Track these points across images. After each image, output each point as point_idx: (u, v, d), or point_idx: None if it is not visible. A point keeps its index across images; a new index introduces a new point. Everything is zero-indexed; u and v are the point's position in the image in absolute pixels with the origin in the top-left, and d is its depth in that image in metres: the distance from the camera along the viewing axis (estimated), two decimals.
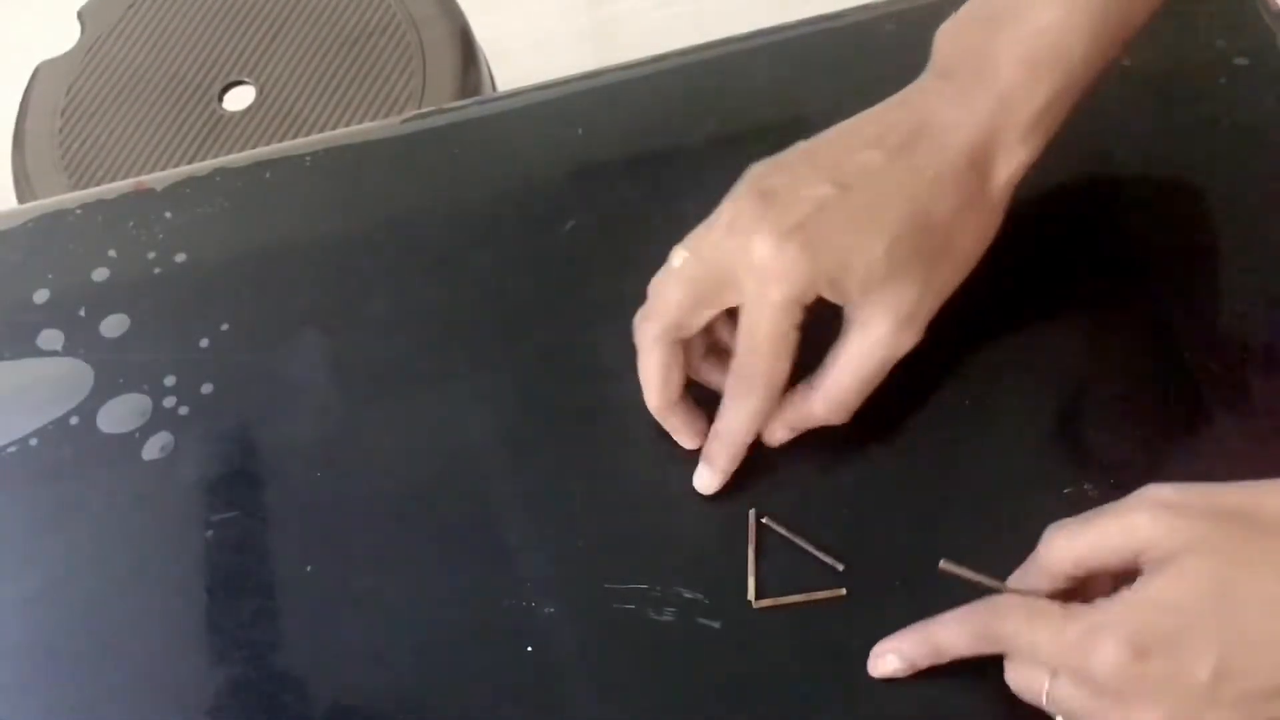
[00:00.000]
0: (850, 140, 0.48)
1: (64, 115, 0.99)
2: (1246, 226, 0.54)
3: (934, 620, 0.44)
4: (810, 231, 0.46)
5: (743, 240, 0.46)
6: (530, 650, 0.47)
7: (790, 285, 0.46)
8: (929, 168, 0.47)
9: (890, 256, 0.46)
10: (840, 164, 0.47)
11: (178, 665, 0.48)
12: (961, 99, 0.47)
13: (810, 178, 0.47)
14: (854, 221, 0.46)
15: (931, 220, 0.47)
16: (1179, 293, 0.53)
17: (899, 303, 0.47)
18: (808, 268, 0.46)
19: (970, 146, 0.47)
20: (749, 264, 0.46)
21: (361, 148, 0.60)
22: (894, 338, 0.47)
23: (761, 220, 0.46)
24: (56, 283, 0.57)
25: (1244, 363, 0.50)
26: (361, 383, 0.54)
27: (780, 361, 0.47)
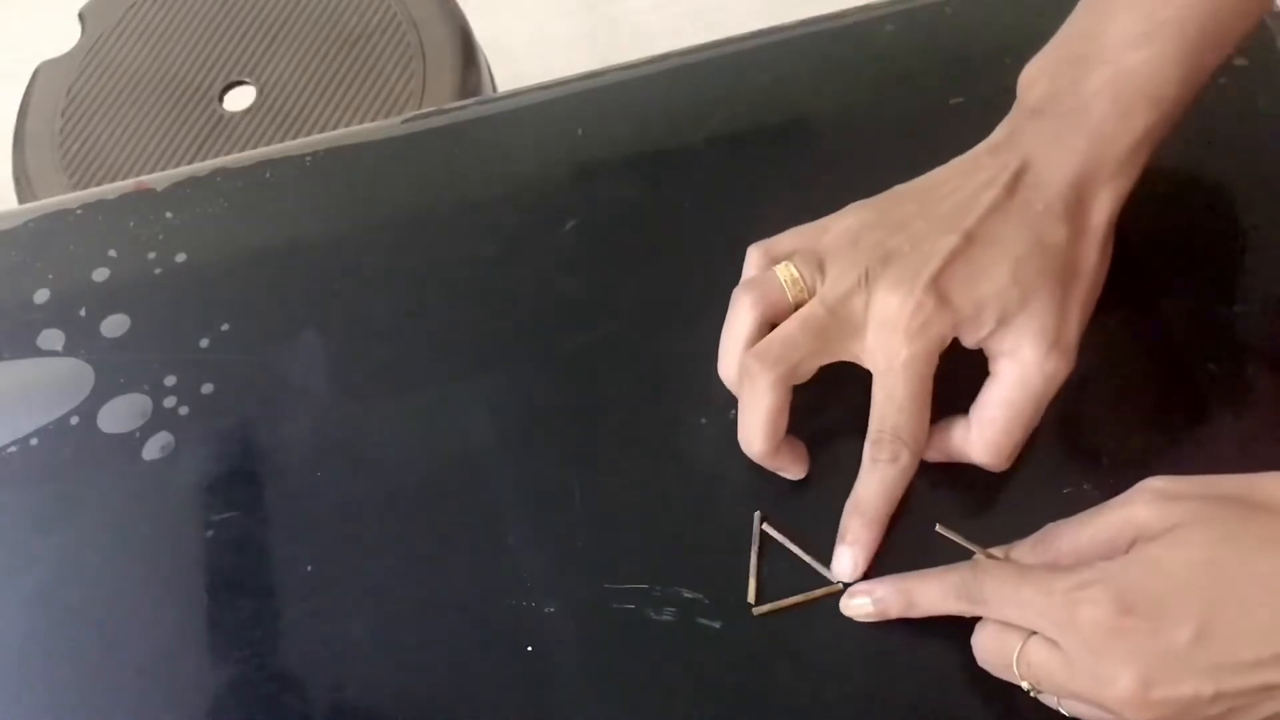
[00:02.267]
0: (964, 183, 0.49)
1: (64, 115, 0.99)
2: (1246, 227, 0.54)
3: (914, 573, 0.45)
4: (942, 283, 0.46)
5: (879, 296, 0.47)
6: (530, 650, 0.47)
7: (927, 340, 0.46)
8: (1038, 201, 0.47)
9: (1017, 279, 0.46)
10: (962, 210, 0.48)
11: (178, 665, 0.48)
12: (1057, 138, 0.48)
13: (935, 230, 0.48)
14: (978, 261, 0.47)
15: (1048, 244, 0.47)
16: (1179, 293, 0.53)
17: (1041, 324, 0.46)
18: (941, 318, 0.46)
19: (1071, 183, 0.48)
20: (882, 321, 0.47)
21: (361, 148, 0.60)
22: (1044, 363, 0.46)
23: (893, 275, 0.47)
24: (57, 283, 0.57)
25: (1244, 363, 0.50)
26: (361, 383, 0.54)
27: (923, 420, 0.47)
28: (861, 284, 0.47)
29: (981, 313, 0.46)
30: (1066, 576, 0.41)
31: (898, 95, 0.59)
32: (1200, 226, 0.55)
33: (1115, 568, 0.40)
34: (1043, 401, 0.47)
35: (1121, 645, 0.39)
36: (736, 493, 0.49)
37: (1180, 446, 0.49)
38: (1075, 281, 0.48)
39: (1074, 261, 0.48)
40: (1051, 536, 0.44)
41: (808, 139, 0.58)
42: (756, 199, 0.56)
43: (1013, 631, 0.42)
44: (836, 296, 0.47)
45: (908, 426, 0.47)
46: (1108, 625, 0.39)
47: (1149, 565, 0.40)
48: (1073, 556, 0.43)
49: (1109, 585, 0.40)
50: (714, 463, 0.50)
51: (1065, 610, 0.40)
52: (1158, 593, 0.39)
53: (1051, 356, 0.46)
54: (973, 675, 0.44)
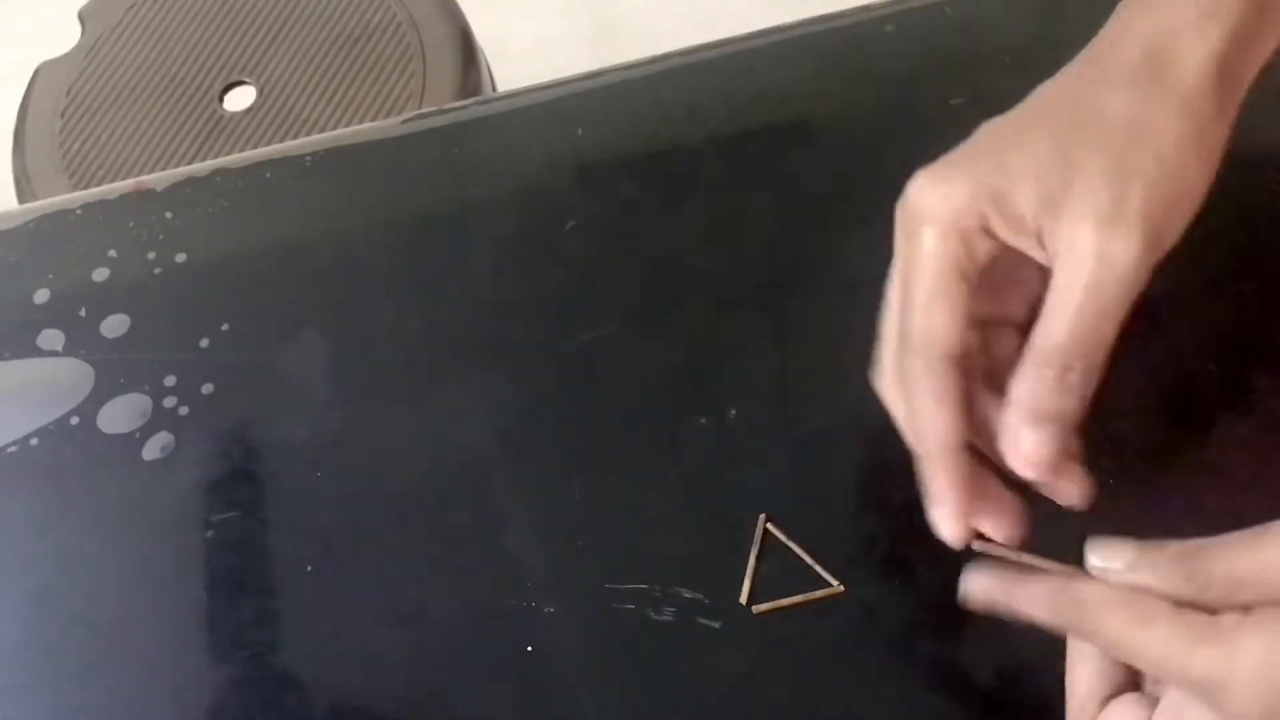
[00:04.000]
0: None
1: (64, 116, 0.99)
2: (1246, 226, 0.54)
3: (1027, 579, 0.38)
4: (962, 155, 0.40)
5: (903, 193, 0.40)
6: (530, 650, 0.47)
7: (943, 217, 0.38)
8: (1096, 73, 0.40)
9: (1060, 151, 0.38)
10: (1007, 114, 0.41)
11: (178, 665, 0.48)
12: (1132, 18, 0.41)
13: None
14: (1012, 135, 0.40)
15: (1106, 115, 0.39)
16: (1179, 293, 0.53)
17: (1095, 201, 0.37)
18: (961, 189, 0.38)
19: (1142, 39, 0.40)
20: (901, 209, 0.40)
21: (361, 148, 0.60)
22: (1103, 245, 0.37)
23: (930, 169, 0.40)
24: (57, 283, 0.57)
25: (1244, 363, 0.50)
26: (361, 383, 0.54)
27: (945, 319, 0.38)
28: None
29: (1015, 187, 0.38)
30: (1236, 622, 0.32)
31: (898, 95, 0.59)
32: (1200, 226, 0.54)
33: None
34: (1113, 296, 0.38)
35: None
36: (737, 493, 0.49)
37: (1181, 446, 0.49)
38: (1143, 153, 0.38)
39: (1142, 132, 0.39)
40: (1194, 557, 0.34)
41: (807, 139, 0.58)
42: (756, 199, 0.56)
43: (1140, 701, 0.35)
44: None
45: (920, 333, 0.39)
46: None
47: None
48: (1228, 588, 0.33)
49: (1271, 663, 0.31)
50: (714, 463, 0.50)
51: (1235, 667, 0.32)
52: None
53: (1111, 238, 0.37)
54: (973, 675, 0.44)
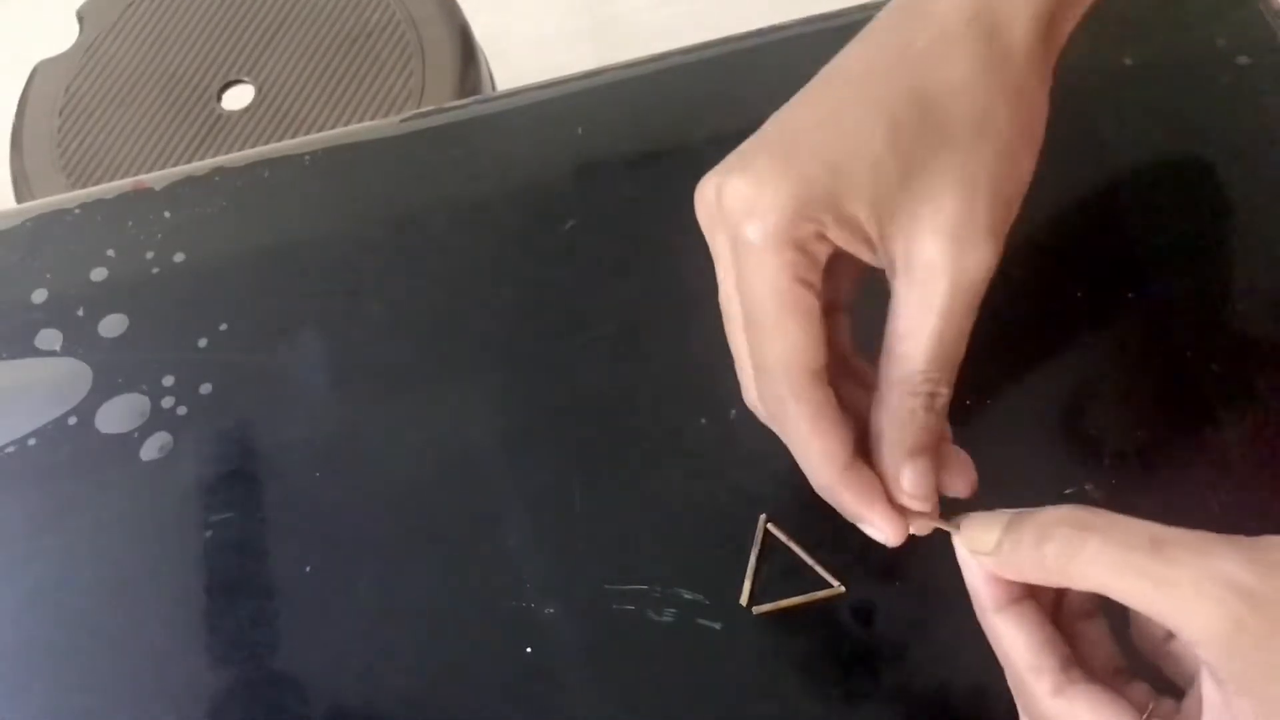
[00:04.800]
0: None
1: (62, 115, 0.98)
2: (1247, 226, 0.54)
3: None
4: (772, 144, 0.36)
5: (701, 193, 0.37)
6: (530, 651, 0.47)
7: (772, 226, 0.35)
8: (917, 40, 0.37)
9: (896, 146, 0.35)
10: (810, 86, 0.37)
11: (177, 665, 0.48)
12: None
13: (774, 123, 0.37)
14: (833, 117, 0.36)
15: (938, 93, 0.36)
16: (1179, 293, 0.53)
17: (942, 212, 0.35)
18: (788, 193, 0.35)
19: (961, 4, 0.37)
20: (711, 215, 0.36)
21: (361, 147, 0.60)
22: (956, 263, 0.35)
23: (723, 173, 0.36)
24: (55, 282, 0.57)
25: (1244, 363, 0.50)
26: (361, 383, 0.53)
27: (800, 337, 0.36)
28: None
29: (848, 188, 0.35)
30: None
31: None
32: (1200, 226, 0.54)
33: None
34: (968, 317, 0.36)
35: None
36: (737, 493, 0.49)
37: (1181, 446, 0.49)
38: (984, 143, 0.36)
39: (981, 114, 0.36)
40: (1081, 563, 0.34)
41: None
42: None
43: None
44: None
45: (767, 346, 0.36)
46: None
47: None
48: (1086, 593, 0.35)
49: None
50: (714, 463, 0.50)
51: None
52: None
53: (963, 252, 0.35)
54: (974, 676, 0.44)
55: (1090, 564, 0.33)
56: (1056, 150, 0.51)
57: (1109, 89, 0.57)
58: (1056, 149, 0.50)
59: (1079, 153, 0.55)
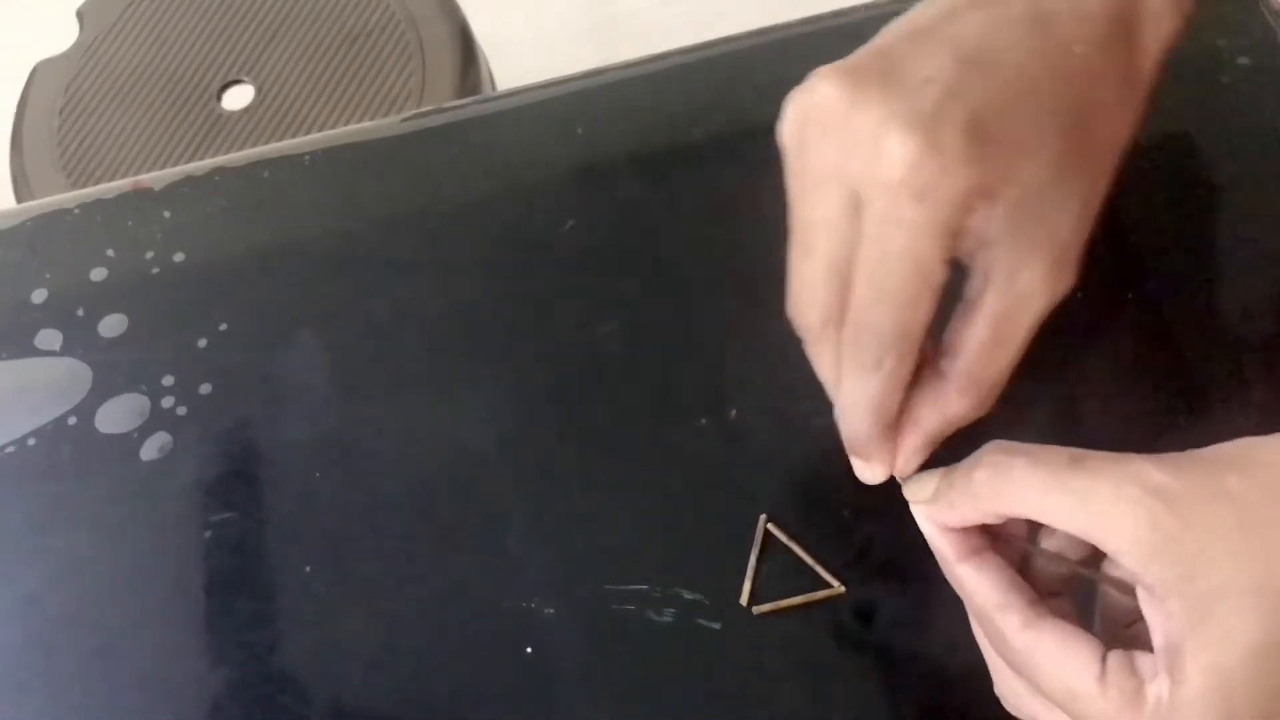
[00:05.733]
0: (953, 7, 0.35)
1: (62, 114, 0.98)
2: (1246, 226, 0.54)
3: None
4: (960, 114, 0.33)
5: (864, 135, 0.33)
6: (530, 651, 0.47)
7: (939, 201, 0.33)
8: (1076, 40, 0.35)
9: (1059, 163, 0.34)
10: (957, 36, 0.34)
11: (177, 665, 0.48)
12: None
13: (922, 54, 0.34)
14: (1008, 112, 0.34)
15: (1091, 112, 0.36)
16: (1179, 293, 0.52)
17: (1057, 229, 0.35)
18: (973, 174, 0.33)
19: (1115, 9, 0.36)
20: (876, 173, 0.33)
21: (361, 147, 0.60)
22: (1051, 280, 0.35)
23: (884, 104, 0.33)
24: (54, 282, 0.57)
25: (1244, 363, 0.50)
26: (361, 383, 0.53)
27: (916, 313, 0.35)
28: (836, 117, 0.35)
29: (1005, 191, 0.34)
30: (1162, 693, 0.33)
31: None
32: (1200, 226, 0.54)
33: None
34: (1035, 327, 0.37)
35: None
36: (737, 493, 0.49)
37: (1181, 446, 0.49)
38: (1104, 166, 0.36)
39: (1109, 135, 0.36)
40: (1011, 489, 0.35)
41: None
42: (757, 199, 0.56)
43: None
44: (809, 150, 0.36)
45: (888, 324, 0.35)
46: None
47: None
48: (1019, 519, 0.37)
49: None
50: (714, 463, 0.50)
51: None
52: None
53: (1060, 273, 0.36)
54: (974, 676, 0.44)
55: (1018, 486, 0.35)
56: None
57: None
58: None
59: None
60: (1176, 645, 0.33)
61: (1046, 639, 0.35)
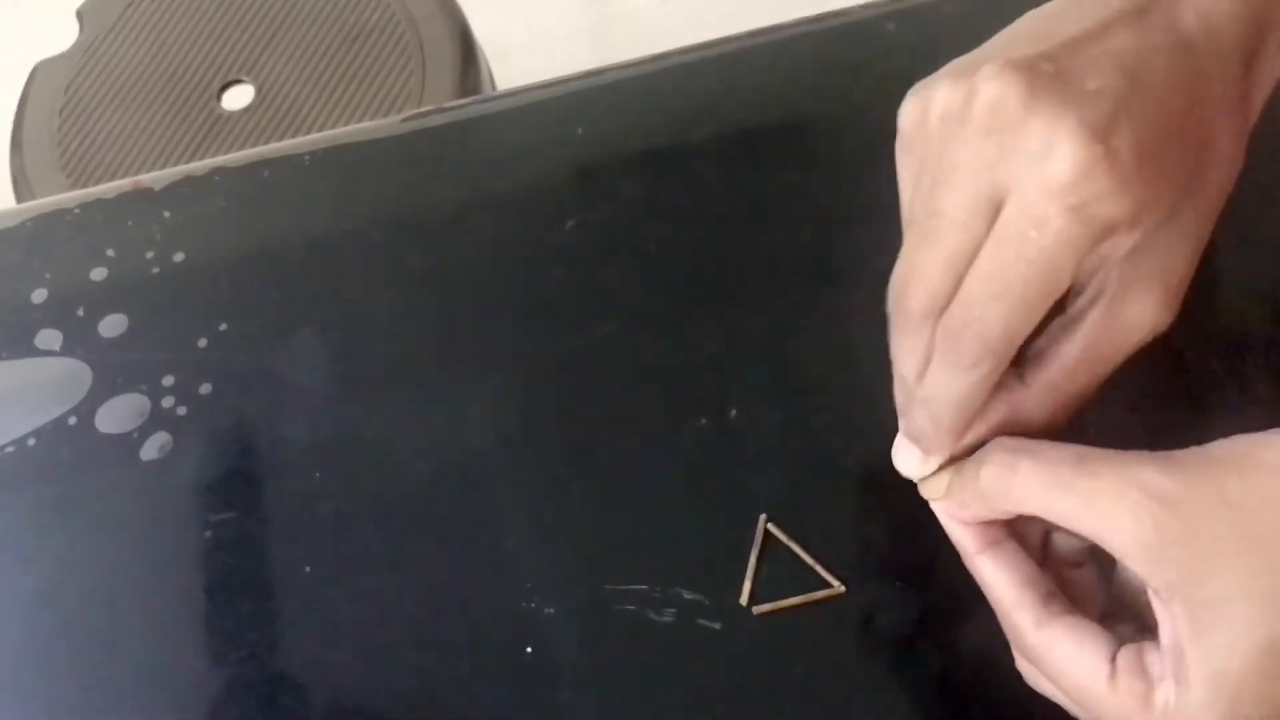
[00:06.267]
0: (1100, 21, 0.34)
1: (62, 114, 0.98)
2: (1246, 226, 0.54)
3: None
4: (1131, 140, 0.32)
5: (1033, 137, 0.32)
6: (530, 651, 0.47)
7: (1095, 217, 0.32)
8: (1211, 66, 0.35)
9: (1187, 198, 0.34)
10: (1116, 52, 0.33)
11: (177, 665, 0.48)
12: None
13: (1088, 63, 0.33)
14: (1162, 140, 0.33)
15: (1215, 143, 0.35)
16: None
17: (1173, 264, 0.35)
18: (1129, 195, 0.32)
19: (1243, 39, 0.35)
20: (1038, 176, 0.32)
21: (361, 147, 0.60)
22: (1157, 314, 0.36)
23: (1061, 108, 0.32)
24: (54, 282, 0.57)
25: (1244, 363, 0.50)
26: (361, 383, 0.53)
27: (1028, 320, 0.34)
28: (998, 116, 0.33)
29: (1146, 216, 0.33)
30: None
31: (898, 95, 0.58)
32: None
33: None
34: (1129, 354, 0.37)
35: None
36: (737, 493, 0.49)
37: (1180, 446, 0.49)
38: (1214, 201, 0.36)
39: (1225, 168, 0.36)
40: (1019, 488, 0.36)
41: (808, 138, 0.58)
42: (756, 199, 0.56)
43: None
44: (956, 146, 0.35)
45: (1003, 308, 0.34)
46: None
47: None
48: (1025, 516, 0.37)
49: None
50: (714, 463, 0.50)
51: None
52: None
53: (1169, 306, 0.36)
54: (974, 676, 0.44)
55: (1023, 485, 0.35)
56: None
57: None
58: None
59: None
60: (1181, 649, 0.33)
61: (1059, 639, 0.36)
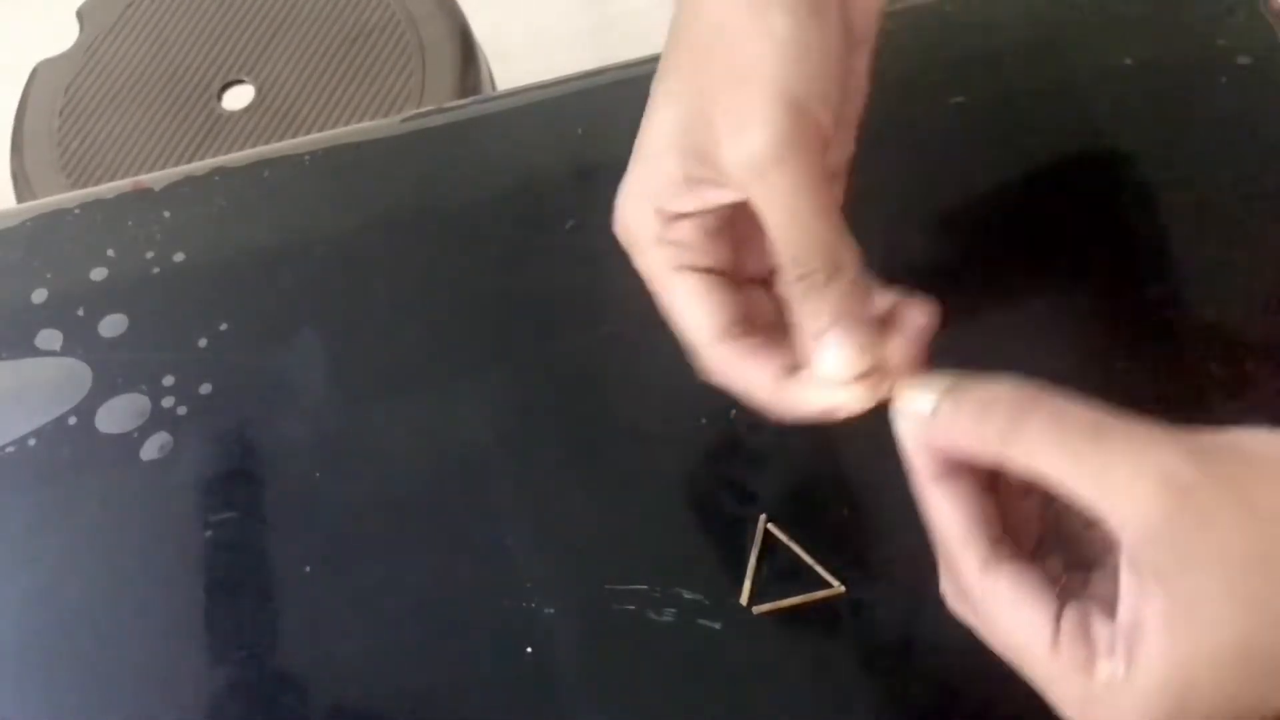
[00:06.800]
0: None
1: (62, 115, 0.98)
2: (1246, 226, 0.54)
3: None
4: (638, 146, 0.42)
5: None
6: (530, 651, 0.47)
7: (632, 236, 0.42)
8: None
9: (692, 105, 0.40)
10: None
11: (177, 665, 0.48)
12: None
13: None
14: (654, 111, 0.42)
15: (718, 38, 0.39)
16: (1179, 292, 0.53)
17: (727, 133, 0.38)
18: (633, 205, 0.42)
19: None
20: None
21: (361, 147, 0.60)
22: (751, 172, 0.38)
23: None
24: (55, 282, 0.57)
25: (1244, 363, 0.50)
26: (361, 383, 0.53)
27: (699, 314, 0.41)
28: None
29: (672, 168, 0.40)
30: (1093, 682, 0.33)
31: (898, 95, 0.58)
32: (1200, 226, 0.54)
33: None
34: (807, 196, 0.38)
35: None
36: (737, 493, 0.49)
37: None
38: (738, 57, 0.39)
39: (725, 31, 0.39)
40: (987, 429, 0.35)
41: None
42: None
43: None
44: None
45: (689, 328, 0.41)
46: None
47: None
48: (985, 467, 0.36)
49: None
50: (714, 463, 0.50)
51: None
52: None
53: (751, 159, 0.38)
54: (974, 676, 0.44)
55: (1030, 444, 0.34)
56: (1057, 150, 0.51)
57: (1109, 89, 0.57)
58: (1057, 149, 0.50)
59: (1079, 153, 0.55)
60: (1142, 629, 0.32)
61: (1003, 587, 0.35)
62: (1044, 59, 0.58)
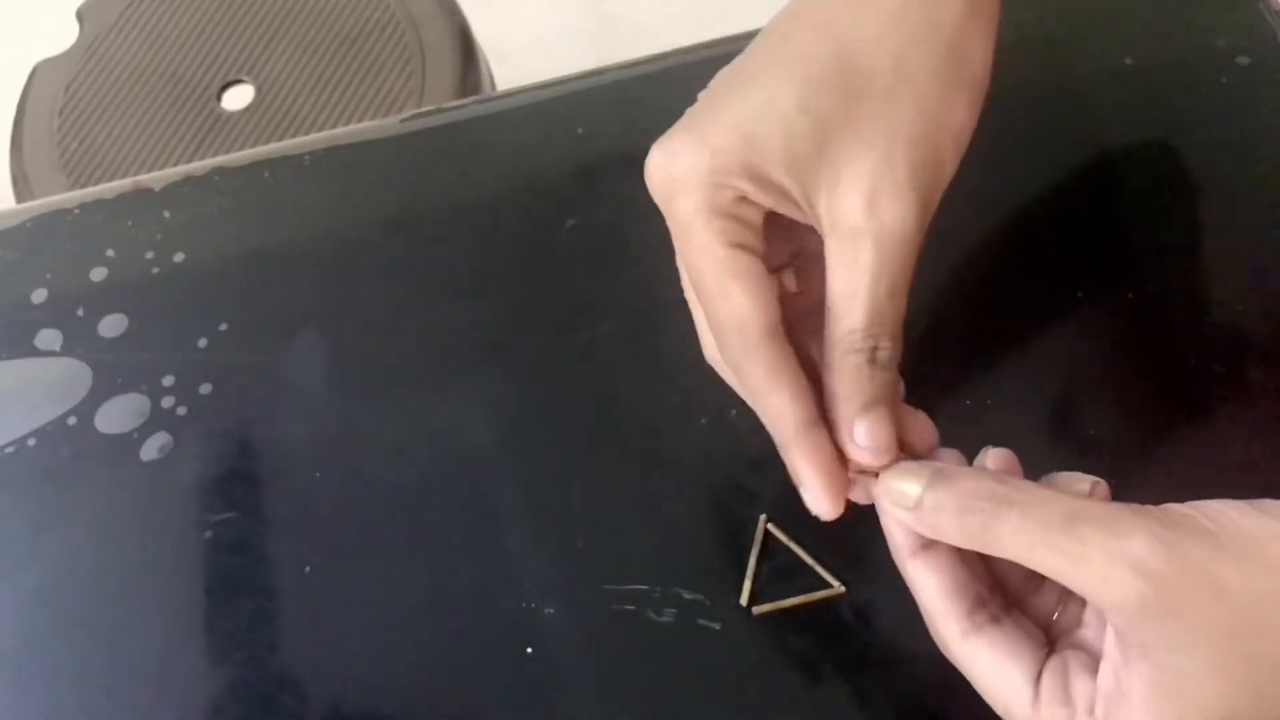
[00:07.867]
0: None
1: (62, 114, 0.98)
2: (1246, 226, 0.54)
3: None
4: (694, 116, 0.37)
5: (645, 168, 0.37)
6: (530, 651, 0.47)
7: (685, 189, 0.37)
8: (833, 2, 0.37)
9: (808, 105, 0.35)
10: (739, 55, 0.38)
11: (177, 666, 0.48)
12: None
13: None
14: (749, 82, 0.37)
15: (854, 49, 0.36)
16: (1179, 293, 0.52)
17: (855, 166, 0.35)
18: (696, 158, 0.36)
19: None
20: (650, 189, 0.37)
21: (361, 147, 0.60)
22: (877, 220, 0.35)
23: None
24: (54, 282, 0.57)
25: (1244, 363, 0.50)
26: (361, 383, 0.53)
27: (745, 300, 0.37)
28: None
29: (758, 151, 0.35)
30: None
31: None
32: (1200, 226, 0.54)
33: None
34: (900, 272, 0.36)
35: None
36: (737, 493, 0.49)
37: (1181, 446, 0.49)
38: (901, 94, 0.36)
39: (900, 70, 0.36)
40: (1000, 535, 0.35)
41: None
42: None
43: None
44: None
45: (729, 315, 0.37)
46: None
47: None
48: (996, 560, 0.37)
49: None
50: (714, 463, 0.50)
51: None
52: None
53: (883, 209, 0.35)
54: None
55: (1009, 537, 0.35)
56: (1057, 150, 0.51)
57: (1109, 89, 0.57)
58: (1057, 149, 0.50)
59: (1079, 153, 0.55)
60: (1126, 699, 0.33)
61: (983, 653, 0.36)
62: (1044, 59, 0.58)
